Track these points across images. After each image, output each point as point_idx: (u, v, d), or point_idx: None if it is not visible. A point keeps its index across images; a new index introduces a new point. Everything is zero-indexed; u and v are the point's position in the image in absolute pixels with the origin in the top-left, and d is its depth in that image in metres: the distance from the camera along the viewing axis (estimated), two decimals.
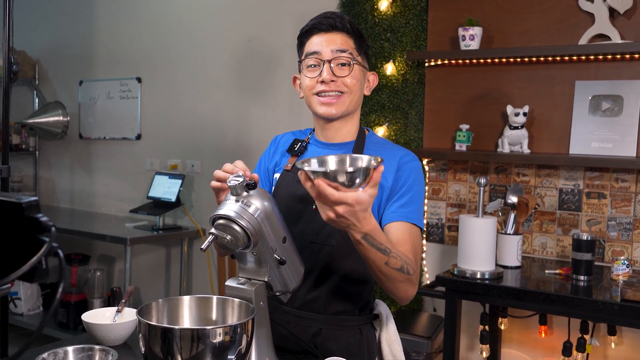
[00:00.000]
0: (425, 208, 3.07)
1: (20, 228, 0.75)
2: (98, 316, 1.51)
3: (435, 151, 2.91)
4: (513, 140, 2.73)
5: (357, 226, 1.17)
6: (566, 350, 2.49)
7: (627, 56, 2.59)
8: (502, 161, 2.83)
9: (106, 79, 4.23)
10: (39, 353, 1.20)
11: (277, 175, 1.60)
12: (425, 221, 3.08)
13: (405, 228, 1.43)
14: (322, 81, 1.47)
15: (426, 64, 3.01)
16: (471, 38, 2.76)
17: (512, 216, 2.60)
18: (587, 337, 2.53)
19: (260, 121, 3.59)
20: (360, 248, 1.25)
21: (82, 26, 4.34)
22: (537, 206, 2.78)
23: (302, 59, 1.52)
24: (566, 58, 2.69)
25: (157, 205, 3.70)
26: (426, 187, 3.06)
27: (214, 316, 1.28)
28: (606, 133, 2.62)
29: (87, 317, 1.47)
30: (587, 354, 2.55)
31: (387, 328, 1.57)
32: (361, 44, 1.53)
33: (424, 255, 3.07)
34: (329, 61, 1.47)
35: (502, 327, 2.78)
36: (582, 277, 2.34)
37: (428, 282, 2.94)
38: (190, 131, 3.85)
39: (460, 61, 2.92)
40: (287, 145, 1.63)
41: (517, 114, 2.69)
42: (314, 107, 1.52)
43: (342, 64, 1.49)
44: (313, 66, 1.50)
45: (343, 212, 1.12)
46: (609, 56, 2.61)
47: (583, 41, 2.62)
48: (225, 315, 1.27)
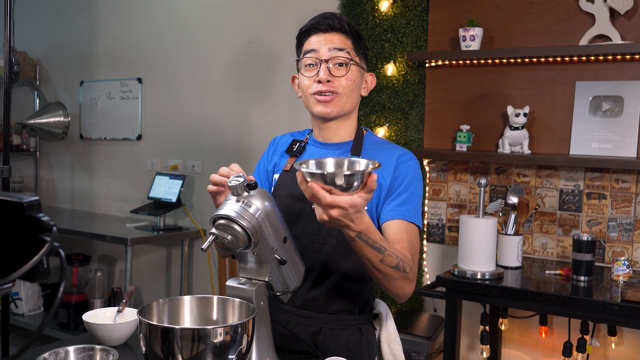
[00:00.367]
0: (425, 208, 3.07)
1: (21, 228, 0.75)
2: (99, 316, 1.51)
3: (435, 152, 2.91)
4: (513, 140, 2.73)
5: (351, 226, 1.18)
6: (566, 350, 2.49)
7: (628, 57, 2.59)
8: (503, 162, 2.83)
9: (107, 80, 4.24)
10: (40, 353, 1.21)
11: (276, 176, 1.60)
12: (425, 221, 3.08)
13: (402, 226, 1.44)
14: (319, 81, 1.48)
15: (427, 65, 3.01)
16: (472, 39, 2.76)
17: (513, 217, 2.60)
18: (588, 338, 2.53)
19: (260, 121, 3.59)
20: (355, 245, 1.25)
21: (83, 27, 4.34)
22: (538, 207, 2.78)
23: (300, 58, 1.53)
24: (567, 59, 2.69)
25: (158, 205, 3.70)
26: (427, 188, 3.06)
27: (215, 316, 1.28)
28: (606, 134, 2.62)
29: (88, 317, 1.47)
30: (588, 355, 2.55)
31: (387, 327, 1.58)
32: (359, 45, 1.54)
33: (425, 255, 3.07)
34: (326, 61, 1.48)
35: (503, 328, 2.78)
36: (583, 278, 2.34)
37: (428, 283, 2.94)
38: (191, 131, 3.86)
39: (460, 62, 2.92)
40: (286, 146, 1.64)
41: (518, 115, 2.69)
42: (311, 107, 1.52)
43: (340, 64, 1.49)
44: (310, 65, 1.50)
45: (337, 216, 1.13)
46: (610, 57, 2.62)
47: (583, 42, 2.62)
48: (225, 315, 1.27)
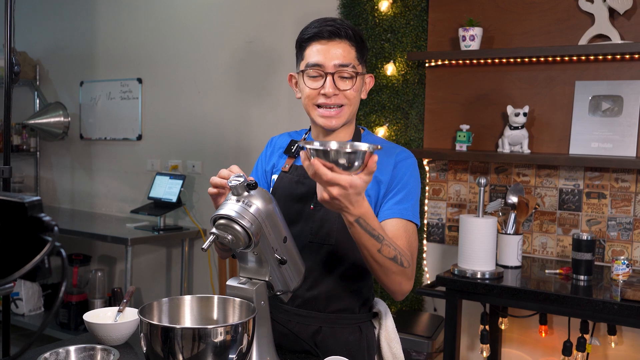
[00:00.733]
0: (425, 208, 3.07)
1: (23, 227, 0.75)
2: (99, 316, 1.51)
3: (435, 151, 2.92)
4: (513, 140, 2.73)
5: (350, 209, 1.20)
6: (566, 349, 2.49)
7: (627, 56, 2.59)
8: (503, 161, 2.84)
9: (107, 80, 4.24)
10: (41, 353, 1.21)
11: (275, 176, 1.61)
12: (425, 221, 3.08)
13: (400, 224, 1.45)
14: (324, 94, 1.46)
15: (426, 65, 3.02)
16: (471, 38, 2.77)
17: (513, 216, 2.60)
18: (587, 337, 2.53)
19: (260, 122, 3.59)
20: (353, 231, 1.26)
21: (83, 27, 4.34)
22: (537, 206, 2.79)
23: (304, 70, 1.49)
24: (566, 58, 2.70)
25: (158, 205, 3.70)
26: (426, 188, 3.07)
27: (215, 316, 1.28)
28: (606, 133, 2.62)
29: (89, 317, 1.47)
30: (587, 354, 2.56)
31: (386, 326, 1.58)
32: (363, 52, 1.52)
33: (425, 255, 3.07)
34: (332, 74, 1.46)
35: (503, 327, 2.78)
36: (582, 277, 2.34)
37: (428, 282, 2.94)
38: (191, 132, 3.86)
39: (460, 62, 2.92)
40: (284, 146, 1.64)
41: (517, 114, 2.69)
42: (314, 117, 1.51)
43: (345, 77, 1.47)
44: (314, 77, 1.48)
45: (337, 194, 1.16)
46: (609, 56, 2.62)
47: (583, 41, 2.62)
48: (226, 314, 1.28)
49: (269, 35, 3.53)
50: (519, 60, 2.79)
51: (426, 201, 3.07)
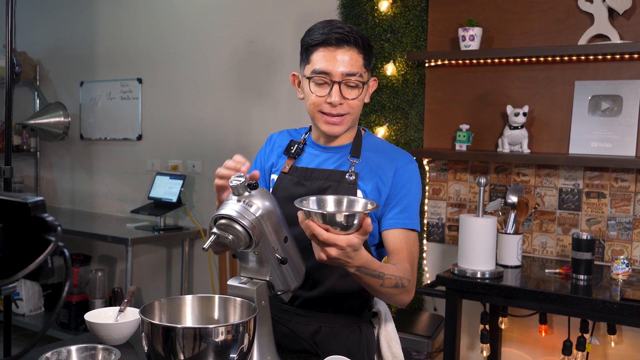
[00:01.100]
0: (425, 208, 3.08)
1: (26, 228, 0.75)
2: (101, 316, 1.52)
3: (435, 151, 2.92)
4: (513, 140, 2.73)
5: (350, 262, 1.22)
6: (566, 349, 2.50)
7: (627, 56, 2.60)
8: (502, 161, 2.84)
9: (107, 80, 4.24)
10: (42, 352, 1.21)
11: (274, 176, 1.60)
12: (425, 221, 3.08)
13: (403, 236, 1.47)
14: (330, 102, 1.45)
15: (426, 65, 3.02)
16: (471, 38, 2.77)
17: (512, 216, 2.61)
18: (587, 336, 2.54)
19: (260, 121, 3.60)
20: (355, 277, 1.30)
21: (83, 27, 4.34)
22: (537, 206, 2.79)
23: (310, 77, 1.48)
24: (566, 58, 2.70)
25: (158, 205, 3.70)
26: (426, 187, 3.07)
27: (216, 315, 1.29)
28: (606, 133, 2.63)
29: (90, 317, 1.47)
30: (587, 353, 2.56)
31: (386, 326, 1.59)
32: (370, 59, 1.50)
33: (425, 254, 3.08)
34: (339, 83, 1.45)
35: (503, 326, 2.79)
36: (582, 277, 2.35)
37: (428, 282, 2.94)
38: (191, 132, 3.86)
39: (460, 61, 2.93)
40: (283, 145, 1.63)
41: (517, 114, 2.69)
42: (318, 123, 1.51)
43: (351, 86, 1.46)
44: (321, 83, 1.47)
45: (336, 255, 1.17)
46: (608, 56, 2.62)
47: (582, 41, 2.62)
48: (227, 314, 1.28)
49: (269, 35, 3.53)
50: (519, 60, 2.80)
51: (426, 201, 3.08)
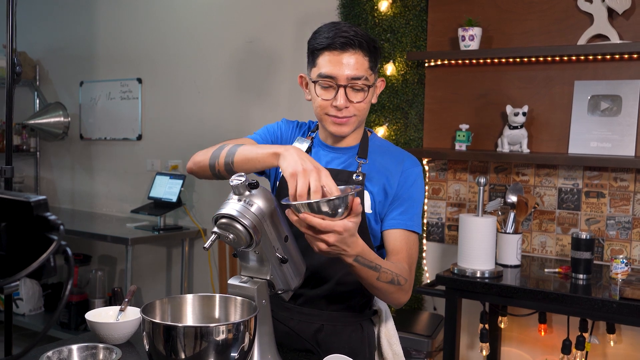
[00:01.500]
0: (425, 207, 3.08)
1: (29, 226, 0.76)
2: (101, 315, 1.52)
3: (435, 151, 2.92)
4: (512, 140, 2.74)
5: (348, 251, 1.23)
6: (565, 348, 2.50)
7: (626, 56, 2.60)
8: (502, 161, 2.84)
9: (107, 80, 4.24)
10: (43, 352, 1.21)
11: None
12: (425, 220, 3.09)
13: (403, 236, 1.48)
14: (336, 106, 1.45)
15: (426, 64, 3.02)
16: (471, 38, 2.77)
17: (512, 215, 2.61)
18: (587, 336, 2.54)
19: (260, 122, 3.59)
20: (352, 269, 1.30)
21: (83, 27, 4.35)
22: (537, 205, 2.80)
23: (316, 80, 1.47)
24: (565, 58, 2.70)
25: (158, 205, 3.71)
26: (426, 187, 3.07)
27: (217, 314, 1.29)
28: (605, 133, 2.63)
29: (91, 316, 1.48)
30: (587, 352, 2.56)
31: (386, 324, 1.61)
32: (376, 61, 1.50)
33: (424, 254, 3.08)
34: (344, 87, 1.44)
35: (502, 326, 2.79)
36: (581, 276, 2.35)
37: (428, 281, 2.95)
38: (191, 131, 3.86)
39: (460, 61, 2.93)
40: (292, 140, 1.64)
41: (517, 114, 2.70)
42: (325, 124, 1.51)
43: (357, 89, 1.46)
44: (327, 87, 1.47)
45: (334, 241, 1.18)
46: (608, 56, 2.63)
47: (582, 41, 2.63)
48: (228, 313, 1.28)
49: (269, 35, 3.53)
50: (518, 60, 2.80)
51: (426, 201, 3.08)
